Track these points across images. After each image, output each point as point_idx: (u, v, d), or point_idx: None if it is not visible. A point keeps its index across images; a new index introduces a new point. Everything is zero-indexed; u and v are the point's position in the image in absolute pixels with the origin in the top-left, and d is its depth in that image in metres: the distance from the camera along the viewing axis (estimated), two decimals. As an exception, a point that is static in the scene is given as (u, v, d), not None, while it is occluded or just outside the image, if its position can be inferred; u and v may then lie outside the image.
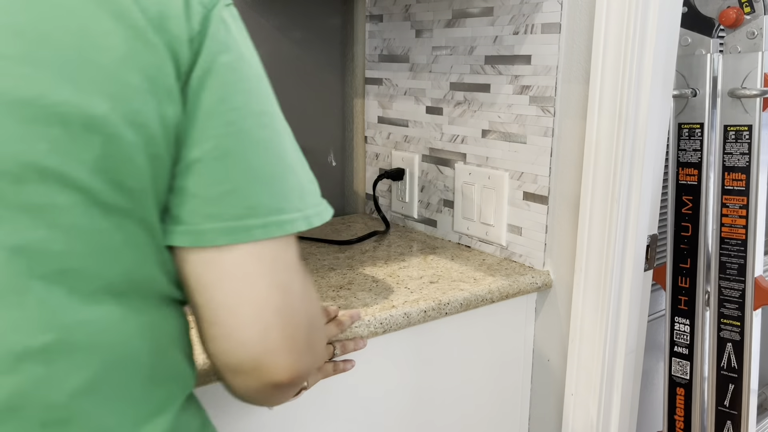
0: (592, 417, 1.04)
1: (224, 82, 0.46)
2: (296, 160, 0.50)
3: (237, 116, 0.46)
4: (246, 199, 0.46)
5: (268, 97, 0.49)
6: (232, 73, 0.46)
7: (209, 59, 0.46)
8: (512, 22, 1.09)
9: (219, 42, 0.46)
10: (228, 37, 0.47)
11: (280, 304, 0.47)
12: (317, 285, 0.99)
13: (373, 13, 1.40)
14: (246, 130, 0.46)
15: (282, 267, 0.47)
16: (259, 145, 0.47)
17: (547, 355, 1.12)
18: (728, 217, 1.25)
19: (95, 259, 0.43)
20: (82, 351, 0.43)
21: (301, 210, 0.48)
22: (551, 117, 1.05)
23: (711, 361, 1.31)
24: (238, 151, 0.46)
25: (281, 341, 0.47)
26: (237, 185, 0.46)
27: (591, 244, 1.00)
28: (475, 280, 1.04)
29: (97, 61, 0.42)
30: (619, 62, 0.93)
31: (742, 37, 1.20)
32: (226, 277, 0.46)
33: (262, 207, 0.46)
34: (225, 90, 0.46)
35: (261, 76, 0.49)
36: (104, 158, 0.42)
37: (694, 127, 1.26)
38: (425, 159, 1.31)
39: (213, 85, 0.46)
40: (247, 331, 0.46)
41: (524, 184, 1.11)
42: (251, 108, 0.47)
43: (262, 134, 0.47)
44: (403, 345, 0.95)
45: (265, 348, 0.47)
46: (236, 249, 0.46)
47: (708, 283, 1.29)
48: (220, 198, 0.45)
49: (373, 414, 0.95)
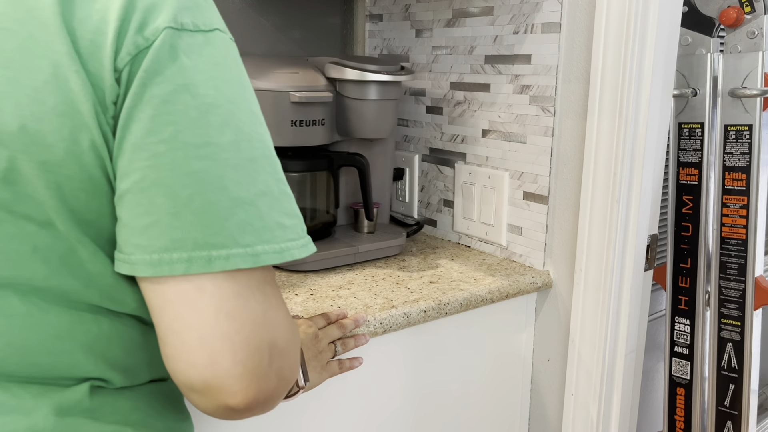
0: (592, 417, 1.04)
1: (153, 114, 0.45)
2: (256, 195, 0.48)
3: (165, 148, 0.45)
4: (170, 231, 0.45)
5: (220, 128, 0.47)
6: (163, 105, 0.46)
7: (140, 91, 0.45)
8: (512, 21, 1.09)
9: (155, 73, 0.46)
10: (170, 67, 0.46)
11: (228, 331, 0.46)
12: (317, 285, 0.99)
13: (373, 12, 1.40)
14: (175, 161, 0.45)
15: (231, 296, 0.46)
16: (190, 177, 0.45)
17: (547, 355, 1.12)
18: (728, 216, 1.25)
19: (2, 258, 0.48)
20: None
21: (248, 246, 0.46)
22: (551, 117, 1.05)
23: (711, 361, 1.30)
24: (162, 183, 0.45)
25: (232, 367, 0.46)
26: (160, 217, 0.45)
27: (591, 244, 1.00)
28: (475, 280, 1.04)
29: (21, 81, 0.45)
30: (620, 62, 0.93)
31: (742, 37, 1.20)
32: (168, 303, 0.46)
33: (189, 240, 0.45)
34: (153, 122, 0.45)
35: (212, 105, 0.47)
36: (9, 171, 0.46)
37: (695, 126, 1.26)
38: (425, 159, 1.31)
39: (141, 118, 0.45)
40: (193, 355, 0.46)
41: (524, 183, 1.11)
42: (184, 139, 0.46)
43: (196, 166, 0.46)
44: (403, 345, 0.95)
45: (214, 372, 0.46)
46: (170, 281, 0.46)
47: (708, 283, 1.29)
48: (145, 230, 0.46)
49: (373, 414, 0.95)
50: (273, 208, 0.49)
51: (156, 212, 0.45)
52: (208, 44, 0.48)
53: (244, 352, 0.46)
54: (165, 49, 0.46)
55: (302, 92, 1.07)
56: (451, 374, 1.03)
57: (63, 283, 0.50)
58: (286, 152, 1.13)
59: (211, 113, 0.47)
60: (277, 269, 1.06)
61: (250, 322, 0.47)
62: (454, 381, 1.04)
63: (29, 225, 0.48)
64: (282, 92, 1.06)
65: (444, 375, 1.02)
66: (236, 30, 1.29)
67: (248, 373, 0.47)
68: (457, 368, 1.03)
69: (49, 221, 0.48)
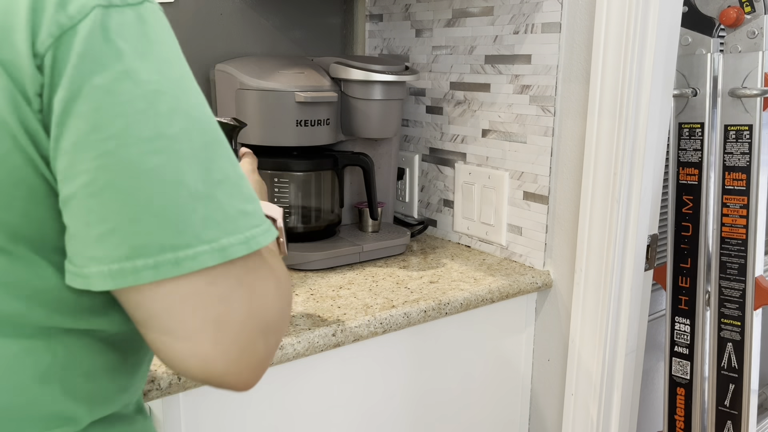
0: (592, 417, 1.04)
1: (97, 107, 0.40)
2: (214, 185, 0.43)
3: (115, 145, 0.40)
4: (130, 238, 0.40)
5: (169, 117, 0.42)
6: (108, 96, 0.40)
7: (77, 81, 0.40)
8: (512, 21, 1.09)
9: (91, 60, 0.40)
10: (107, 52, 0.40)
11: (216, 335, 0.43)
12: (317, 285, 0.99)
13: (373, 12, 1.40)
14: (127, 159, 0.40)
15: (209, 296, 0.43)
16: (146, 176, 0.40)
17: (547, 355, 1.12)
18: (729, 216, 1.25)
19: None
20: None
21: (213, 241, 0.42)
22: (551, 116, 1.05)
23: (711, 361, 1.31)
24: (116, 185, 0.40)
25: (226, 367, 0.44)
26: (117, 224, 0.40)
27: (591, 244, 1.00)
28: (475, 280, 1.04)
29: None
30: (620, 62, 0.93)
31: (742, 37, 1.20)
32: (149, 314, 0.43)
33: (153, 245, 0.41)
34: (98, 116, 0.40)
35: (158, 92, 0.42)
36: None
37: (695, 126, 1.26)
38: (425, 159, 1.31)
39: (83, 112, 0.40)
40: (187, 363, 0.44)
41: (524, 183, 1.11)
42: (135, 133, 0.40)
43: (151, 162, 0.41)
44: (403, 345, 0.95)
45: (211, 374, 0.44)
46: (142, 289, 0.42)
47: (708, 283, 1.29)
48: (101, 239, 0.41)
49: (373, 414, 0.95)
50: (233, 195, 0.44)
51: (112, 219, 0.40)
52: (140, 21, 0.42)
53: (237, 351, 0.44)
54: (97, 32, 0.40)
55: (307, 92, 1.07)
56: (451, 374, 1.03)
57: (3, 308, 0.43)
58: (291, 152, 1.13)
59: (158, 101, 0.42)
60: (278, 269, 1.06)
61: (237, 321, 0.44)
62: (454, 381, 1.04)
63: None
64: (287, 92, 1.07)
65: (444, 375, 1.02)
66: (236, 30, 1.29)
67: (246, 366, 0.45)
68: (457, 368, 1.03)
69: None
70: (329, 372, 0.88)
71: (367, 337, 0.87)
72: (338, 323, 0.85)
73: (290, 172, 1.12)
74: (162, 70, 0.42)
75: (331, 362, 0.88)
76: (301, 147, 1.12)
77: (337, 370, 0.89)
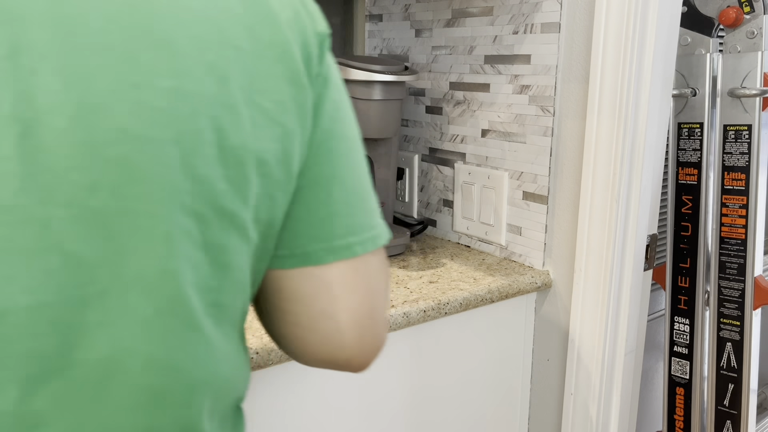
0: (592, 417, 1.04)
1: (331, 116, 0.48)
2: (368, 180, 0.52)
3: (337, 143, 0.49)
4: (346, 218, 0.49)
5: (353, 121, 0.52)
6: (336, 103, 0.49)
7: (320, 92, 0.48)
8: (512, 21, 1.09)
9: (328, 69, 0.49)
10: (332, 65, 0.49)
11: (371, 310, 0.50)
12: (317, 285, 1.00)
13: (373, 12, 1.40)
14: (344, 154, 0.49)
15: (374, 275, 0.50)
16: (354, 169, 0.50)
17: (546, 354, 1.12)
18: (728, 216, 1.25)
19: (234, 293, 0.45)
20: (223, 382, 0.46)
21: (382, 223, 0.51)
22: (551, 117, 1.05)
23: (711, 360, 1.31)
24: (337, 176, 0.48)
25: (371, 341, 0.51)
26: (338, 208, 0.48)
27: (591, 243, 1.00)
28: (474, 279, 1.04)
29: (262, 104, 0.43)
30: (619, 62, 0.93)
31: (741, 37, 1.20)
32: (325, 289, 0.48)
33: (359, 225, 0.49)
34: (332, 121, 0.48)
35: (346, 99, 0.51)
36: (258, 197, 0.44)
37: (694, 126, 1.26)
38: (425, 159, 1.31)
39: (324, 115, 0.48)
40: (345, 336, 0.49)
41: (524, 183, 1.11)
42: (347, 134, 0.50)
43: (354, 158, 0.50)
44: (403, 345, 0.95)
45: (361, 350, 0.51)
46: (336, 265, 0.48)
47: (708, 283, 1.29)
48: (324, 220, 0.48)
49: (373, 413, 0.95)
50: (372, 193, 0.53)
51: (334, 203, 0.48)
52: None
53: (379, 326, 0.51)
54: (327, 47, 0.49)
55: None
56: (451, 374, 1.03)
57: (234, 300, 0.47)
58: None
59: (349, 107, 0.51)
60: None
61: (382, 297, 0.51)
62: (453, 380, 1.04)
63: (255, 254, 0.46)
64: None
65: (443, 375, 1.02)
66: (236, 30, 1.29)
67: (379, 344, 0.52)
68: (456, 368, 1.03)
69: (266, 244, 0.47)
70: (329, 372, 0.88)
71: (366, 336, 0.87)
72: (338, 323, 0.85)
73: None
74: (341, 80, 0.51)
75: (330, 362, 0.88)
76: (301, 147, 1.12)
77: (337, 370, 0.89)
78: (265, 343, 0.78)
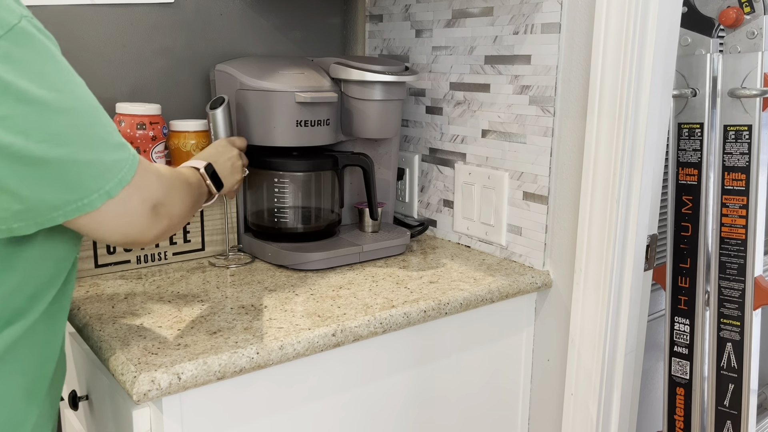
0: (592, 417, 1.04)
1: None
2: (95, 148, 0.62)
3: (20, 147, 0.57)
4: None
5: (55, 117, 0.58)
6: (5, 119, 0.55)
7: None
8: (512, 22, 1.09)
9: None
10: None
11: (136, 236, 0.67)
12: (317, 285, 1.00)
13: (373, 13, 1.40)
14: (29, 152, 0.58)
15: (123, 207, 0.64)
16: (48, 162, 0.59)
17: (547, 355, 1.12)
18: (728, 216, 1.25)
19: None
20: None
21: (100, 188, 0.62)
22: (551, 117, 1.05)
23: (711, 360, 1.31)
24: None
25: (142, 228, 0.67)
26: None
27: (591, 244, 1.00)
28: (475, 280, 1.04)
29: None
30: (619, 62, 0.93)
31: (742, 37, 1.20)
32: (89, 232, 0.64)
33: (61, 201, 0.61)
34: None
35: (42, 103, 0.57)
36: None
37: (694, 127, 1.26)
38: (425, 159, 1.31)
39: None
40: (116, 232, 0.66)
41: (524, 184, 1.11)
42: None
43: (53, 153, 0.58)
44: (403, 345, 0.96)
45: (129, 235, 0.66)
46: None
47: (708, 283, 1.29)
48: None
49: (373, 413, 0.95)
50: (109, 150, 0.65)
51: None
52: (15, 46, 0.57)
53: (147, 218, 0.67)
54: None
55: (307, 92, 1.07)
56: (451, 374, 1.03)
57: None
58: (291, 152, 1.14)
59: (44, 109, 0.58)
60: (279, 268, 1.07)
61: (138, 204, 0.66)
62: (453, 380, 1.04)
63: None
64: (287, 92, 1.07)
65: (444, 375, 1.02)
66: (236, 30, 1.29)
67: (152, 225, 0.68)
68: (456, 368, 1.04)
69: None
70: (329, 372, 0.88)
71: (367, 337, 0.87)
72: (338, 323, 0.85)
73: (290, 172, 1.12)
74: (39, 82, 0.57)
75: (331, 362, 0.88)
76: (301, 147, 1.12)
77: (337, 370, 0.89)
78: (265, 344, 0.78)
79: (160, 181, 0.69)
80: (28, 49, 0.57)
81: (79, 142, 0.59)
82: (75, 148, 0.59)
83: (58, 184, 0.59)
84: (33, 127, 0.56)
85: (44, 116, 0.57)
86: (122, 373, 0.72)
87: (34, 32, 0.58)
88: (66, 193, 0.59)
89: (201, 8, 1.25)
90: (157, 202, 0.68)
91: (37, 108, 0.56)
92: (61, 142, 0.58)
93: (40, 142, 0.57)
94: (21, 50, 0.56)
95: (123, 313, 0.87)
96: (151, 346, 0.77)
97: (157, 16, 1.20)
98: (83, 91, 0.61)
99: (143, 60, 1.20)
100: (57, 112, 0.58)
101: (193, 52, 1.25)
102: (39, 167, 0.57)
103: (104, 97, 1.17)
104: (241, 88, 1.09)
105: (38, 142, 0.56)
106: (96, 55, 1.16)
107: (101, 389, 0.86)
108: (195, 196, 0.81)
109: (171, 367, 0.72)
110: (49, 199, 0.59)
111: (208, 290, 0.96)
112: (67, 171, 0.59)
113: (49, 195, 0.59)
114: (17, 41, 0.56)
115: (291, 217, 1.15)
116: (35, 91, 0.56)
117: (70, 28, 1.12)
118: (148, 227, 0.67)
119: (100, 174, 0.61)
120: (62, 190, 0.59)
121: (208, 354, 0.75)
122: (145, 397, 0.70)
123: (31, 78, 0.56)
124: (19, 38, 0.56)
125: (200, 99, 1.27)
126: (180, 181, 0.75)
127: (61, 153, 0.58)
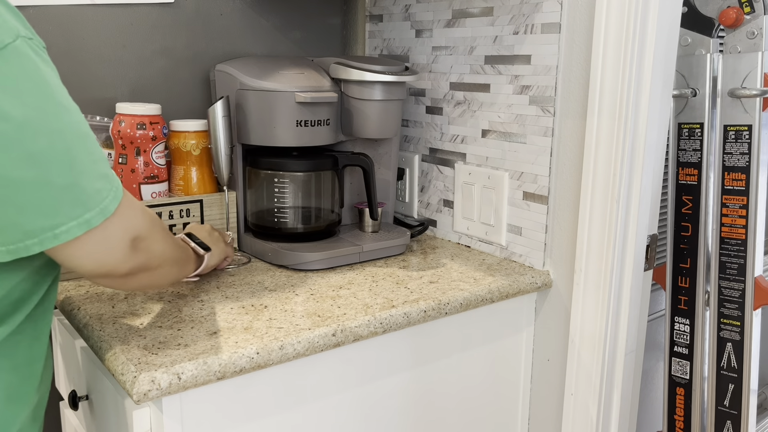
0: (592, 417, 1.04)
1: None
2: (76, 174, 0.61)
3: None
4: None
5: (35, 139, 0.57)
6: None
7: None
8: (512, 22, 1.09)
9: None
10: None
11: (111, 267, 0.65)
12: (317, 285, 1.00)
13: (373, 13, 1.40)
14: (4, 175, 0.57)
15: (101, 239, 0.63)
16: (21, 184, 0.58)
17: (546, 354, 1.12)
18: (728, 216, 1.25)
19: None
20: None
21: (79, 216, 0.61)
22: (551, 117, 1.05)
23: (711, 361, 1.31)
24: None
25: (116, 262, 0.66)
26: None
27: (591, 244, 1.00)
28: (475, 280, 1.04)
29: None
30: (619, 62, 0.93)
31: (742, 37, 1.20)
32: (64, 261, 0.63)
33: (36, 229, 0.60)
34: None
35: (23, 123, 0.56)
36: None
37: (694, 127, 1.26)
38: (425, 159, 1.31)
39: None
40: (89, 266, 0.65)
41: (524, 184, 1.11)
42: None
43: (26, 174, 0.57)
44: (403, 345, 0.96)
45: (104, 268, 0.66)
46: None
47: (708, 283, 1.29)
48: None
49: (373, 414, 0.95)
50: (92, 178, 0.64)
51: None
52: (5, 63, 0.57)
53: (122, 252, 0.66)
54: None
55: (307, 92, 1.07)
56: (451, 374, 1.03)
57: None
58: (291, 152, 1.14)
59: (23, 129, 0.58)
60: (279, 268, 1.07)
61: (121, 255, 0.66)
62: (453, 381, 1.04)
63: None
64: (287, 92, 1.07)
65: (444, 375, 1.02)
66: (236, 30, 1.29)
67: (129, 259, 0.66)
68: (456, 368, 1.04)
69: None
70: (329, 372, 0.88)
71: (367, 337, 0.87)
72: (338, 323, 0.85)
73: (290, 172, 1.12)
74: (22, 101, 0.56)
75: (331, 362, 0.88)
76: (301, 147, 1.12)
77: (337, 370, 0.89)
78: (265, 344, 0.78)
79: (144, 214, 0.68)
80: (17, 68, 0.56)
81: (56, 165, 0.57)
82: (51, 171, 0.57)
83: (32, 208, 0.57)
84: (9, 145, 0.55)
85: (23, 135, 0.55)
86: (122, 373, 0.72)
87: (29, 53, 0.57)
88: (40, 218, 0.58)
89: (201, 8, 1.25)
90: (137, 234, 0.66)
91: (16, 126, 0.55)
92: (37, 163, 0.56)
93: (15, 161, 0.55)
94: (9, 68, 0.55)
95: (123, 313, 0.87)
96: (151, 346, 0.77)
97: (157, 16, 1.20)
98: (73, 117, 0.60)
99: (143, 60, 1.20)
100: (37, 132, 0.56)
101: (193, 52, 1.25)
102: (12, 187, 0.56)
103: (104, 97, 1.17)
104: (242, 88, 1.09)
105: (13, 160, 0.55)
106: (96, 55, 1.16)
107: (101, 389, 0.86)
108: (178, 250, 0.79)
109: (171, 367, 0.72)
110: (23, 222, 0.57)
111: (208, 290, 0.96)
112: (42, 194, 0.57)
113: (23, 218, 0.57)
114: (7, 59, 0.55)
115: (291, 217, 1.15)
116: (17, 109, 0.55)
117: (70, 28, 1.12)
118: (123, 259, 0.65)
119: (79, 201, 0.59)
120: (36, 215, 0.57)
121: (208, 354, 0.75)
122: (145, 397, 0.70)
123: (15, 96, 0.55)
124: (11, 57, 0.56)
125: (200, 99, 1.27)
126: (163, 225, 0.74)
127: (35, 174, 0.56)
